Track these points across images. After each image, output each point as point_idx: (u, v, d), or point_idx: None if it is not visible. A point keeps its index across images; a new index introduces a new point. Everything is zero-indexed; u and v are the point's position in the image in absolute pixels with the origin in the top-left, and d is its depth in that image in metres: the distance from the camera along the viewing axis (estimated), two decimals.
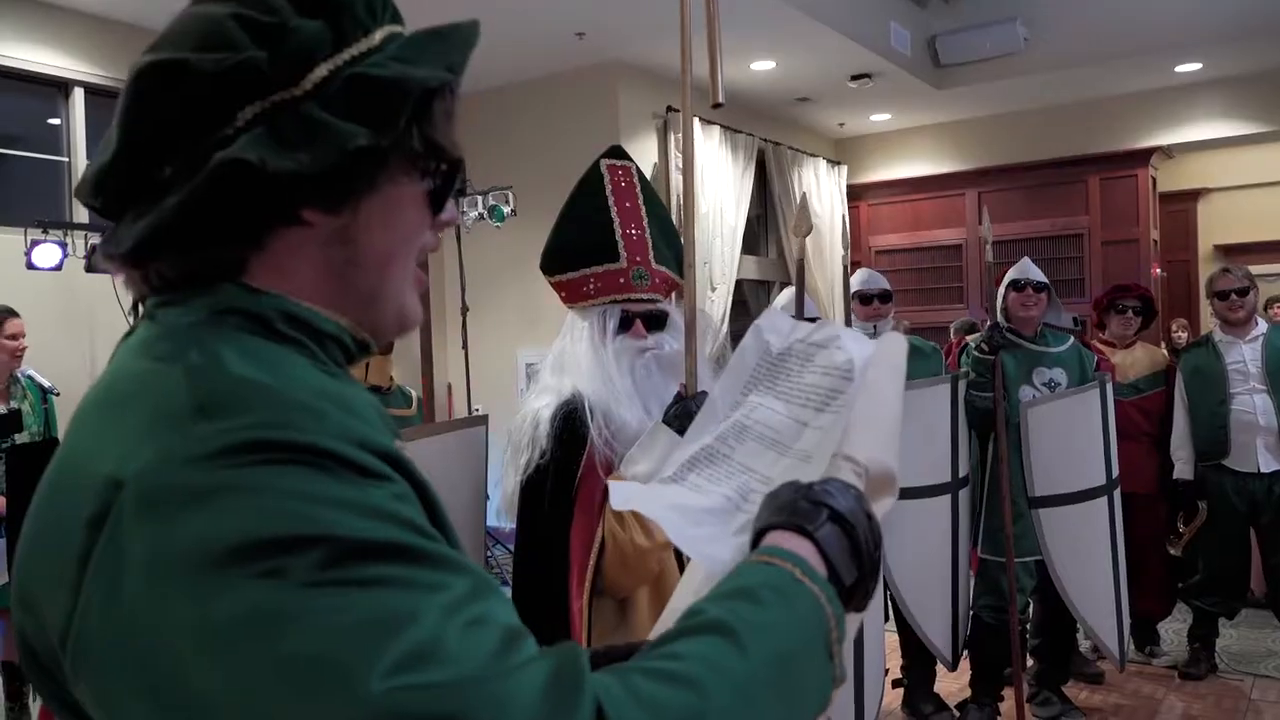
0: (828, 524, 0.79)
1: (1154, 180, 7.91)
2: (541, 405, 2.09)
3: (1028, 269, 3.98)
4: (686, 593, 1.03)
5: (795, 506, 0.80)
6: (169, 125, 0.71)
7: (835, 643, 0.75)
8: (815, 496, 0.81)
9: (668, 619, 1.02)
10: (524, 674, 0.60)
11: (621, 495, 0.97)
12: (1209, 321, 4.86)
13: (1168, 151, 7.94)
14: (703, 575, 0.98)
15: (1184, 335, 7.77)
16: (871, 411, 0.91)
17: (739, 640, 0.68)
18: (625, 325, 2.12)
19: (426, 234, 0.82)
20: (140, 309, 0.80)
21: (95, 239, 4.93)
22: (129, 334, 0.78)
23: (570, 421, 2.04)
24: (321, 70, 0.73)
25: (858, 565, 0.80)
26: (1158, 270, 7.99)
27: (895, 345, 1.00)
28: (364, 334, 0.80)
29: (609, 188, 2.21)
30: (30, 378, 4.20)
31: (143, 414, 0.66)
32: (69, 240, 4.86)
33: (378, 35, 0.76)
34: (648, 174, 6.46)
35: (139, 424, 0.65)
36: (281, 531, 0.58)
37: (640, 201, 2.24)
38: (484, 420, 2.63)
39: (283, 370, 0.70)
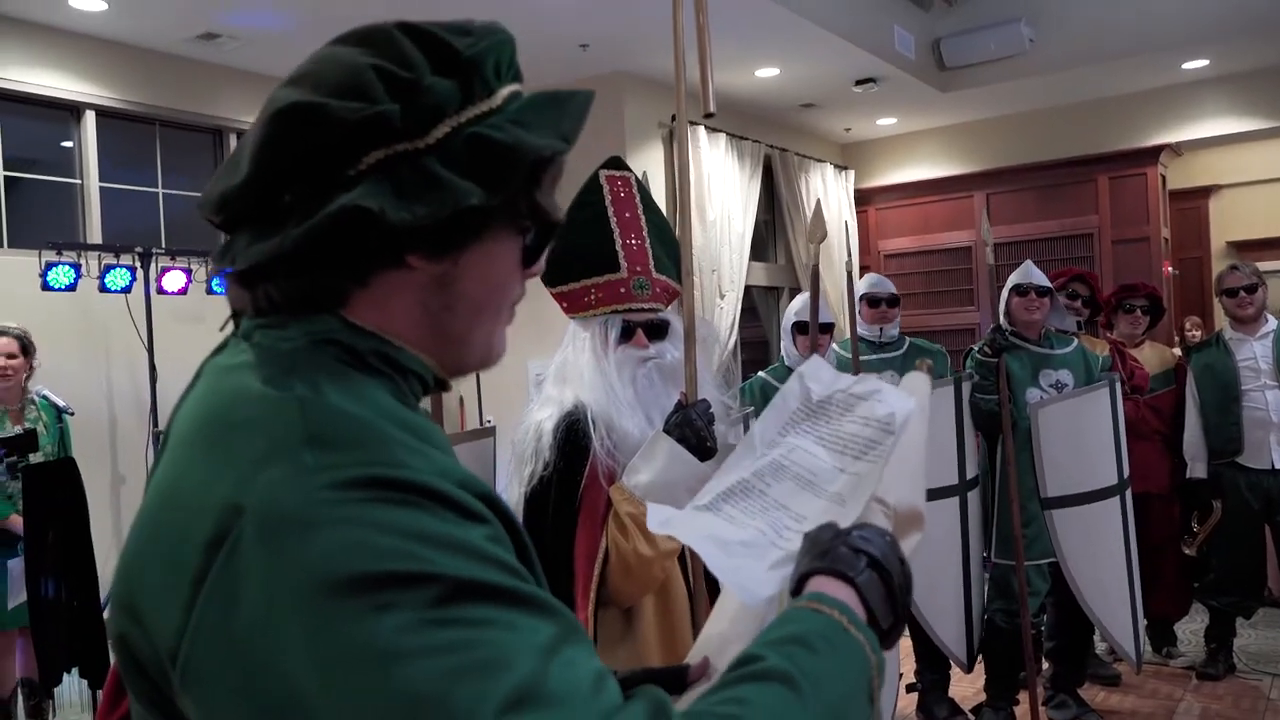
0: (867, 570, 0.83)
1: (1163, 178, 7.87)
2: (544, 416, 2.10)
3: (1030, 273, 3.97)
4: (722, 617, 1.05)
5: (837, 553, 0.84)
6: (299, 161, 0.75)
7: (876, 689, 0.78)
8: (854, 544, 0.84)
9: (704, 643, 1.04)
10: (624, 715, 0.64)
11: (659, 519, 0.99)
12: (1223, 319, 4.85)
13: (1177, 149, 7.91)
14: (738, 601, 1.01)
15: (1197, 333, 7.73)
16: (901, 454, 0.95)
17: (799, 690, 0.71)
18: (627, 335, 2.13)
19: (517, 286, 0.87)
20: (234, 324, 0.83)
21: (109, 260, 4.98)
22: (218, 351, 0.82)
23: (573, 432, 2.05)
24: (445, 127, 0.77)
25: (893, 609, 0.84)
26: (1169, 268, 7.95)
27: (919, 386, 1.05)
28: (444, 374, 0.85)
29: (608, 198, 2.23)
30: (45, 398, 4.25)
31: (259, 442, 0.69)
32: (83, 261, 4.91)
33: (500, 95, 0.80)
34: (659, 184, 6.47)
35: (255, 451, 0.68)
36: (396, 568, 0.62)
37: (640, 211, 2.25)
38: (492, 431, 2.64)
39: (375, 403, 0.74)
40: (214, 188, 0.80)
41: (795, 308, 4.13)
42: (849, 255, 3.68)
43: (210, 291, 5.03)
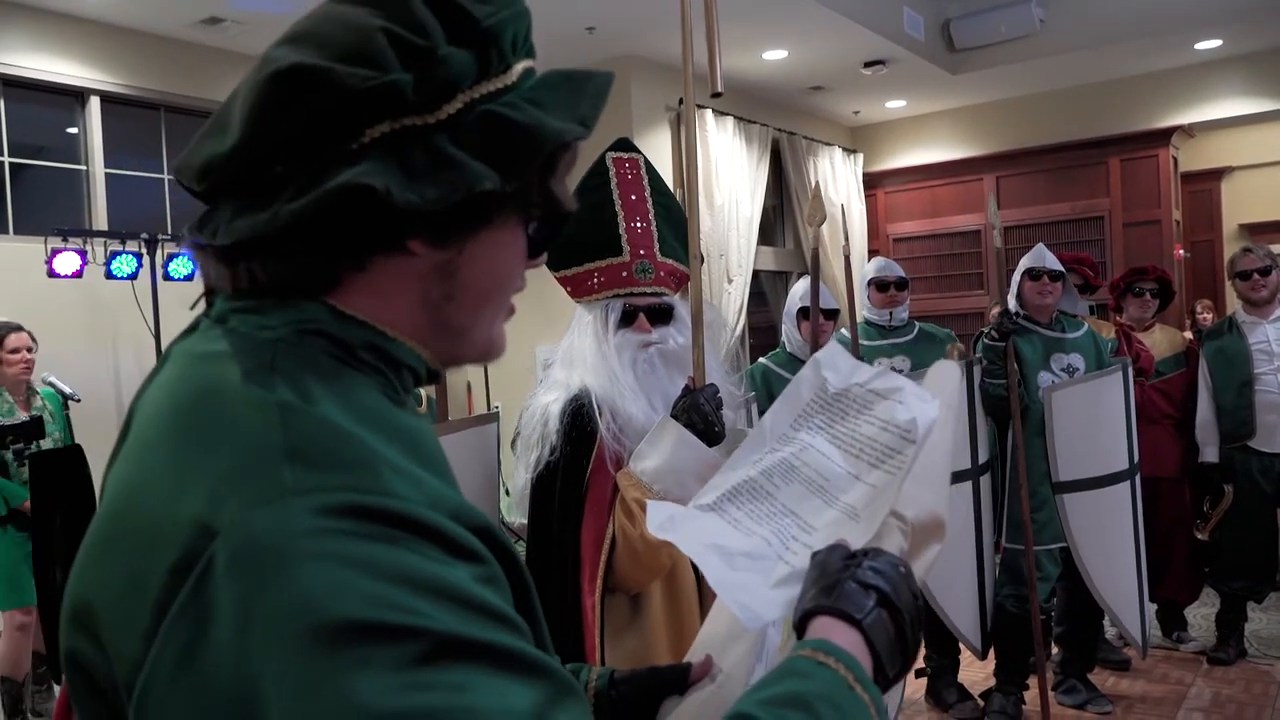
0: (876, 610, 0.78)
1: (1175, 160, 7.80)
2: (550, 400, 2.09)
3: (1043, 256, 3.94)
4: (724, 615, 1.01)
5: (844, 590, 0.78)
6: (298, 130, 0.68)
7: None
8: (864, 578, 0.79)
9: (706, 642, 1.00)
10: None
11: (658, 520, 0.94)
12: (1235, 302, 4.82)
13: (1189, 130, 7.83)
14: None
15: (1208, 316, 7.68)
16: (923, 460, 0.89)
17: None
18: (628, 319, 2.11)
19: (520, 277, 0.81)
20: (208, 302, 0.77)
21: (114, 246, 4.97)
22: (188, 333, 0.75)
23: (579, 417, 2.03)
24: (458, 102, 0.71)
25: (901, 653, 0.79)
26: (1181, 251, 7.89)
27: (949, 377, 0.97)
28: (439, 365, 0.79)
29: (614, 181, 2.20)
30: (52, 385, 4.26)
31: (234, 451, 0.63)
32: (89, 248, 4.90)
33: (515, 71, 0.74)
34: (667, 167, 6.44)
35: (229, 463, 0.62)
36: (378, 618, 0.56)
37: (647, 194, 2.23)
38: (495, 417, 2.64)
39: (364, 409, 0.68)
40: (196, 153, 0.73)
41: (798, 293, 4.09)
42: (845, 240, 3.65)
43: None
